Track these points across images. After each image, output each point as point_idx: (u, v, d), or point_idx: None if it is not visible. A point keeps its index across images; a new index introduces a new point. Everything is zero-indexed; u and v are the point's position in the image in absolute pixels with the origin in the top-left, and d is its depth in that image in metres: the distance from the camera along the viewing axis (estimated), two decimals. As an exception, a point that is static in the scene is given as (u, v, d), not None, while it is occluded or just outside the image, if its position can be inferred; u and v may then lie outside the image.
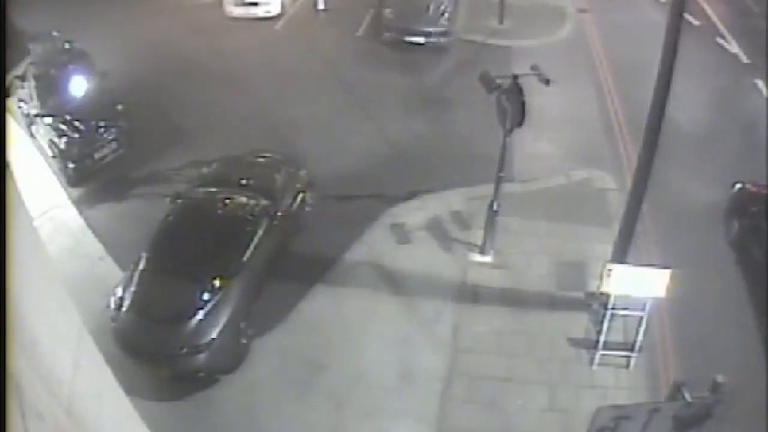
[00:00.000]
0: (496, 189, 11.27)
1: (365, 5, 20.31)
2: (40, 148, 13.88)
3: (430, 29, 18.18)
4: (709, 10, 20.40)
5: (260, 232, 10.43)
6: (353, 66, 17.71)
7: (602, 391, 9.51)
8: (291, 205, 11.65)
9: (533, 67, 14.11)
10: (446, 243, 12.04)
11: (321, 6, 20.49)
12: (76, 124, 13.37)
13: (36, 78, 14.02)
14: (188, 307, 9.37)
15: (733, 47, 18.55)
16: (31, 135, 14.06)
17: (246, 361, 9.80)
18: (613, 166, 13.99)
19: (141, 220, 11.48)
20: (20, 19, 14.50)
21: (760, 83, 16.26)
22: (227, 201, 11.07)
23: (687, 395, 7.12)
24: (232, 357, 9.64)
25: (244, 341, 9.85)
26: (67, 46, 15.11)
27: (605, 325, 10.33)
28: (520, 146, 13.23)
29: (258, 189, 11.32)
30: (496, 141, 11.17)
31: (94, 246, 11.73)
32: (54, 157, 13.44)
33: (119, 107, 14.08)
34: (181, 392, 9.41)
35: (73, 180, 13.21)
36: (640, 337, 9.89)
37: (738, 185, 11.96)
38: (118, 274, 10.52)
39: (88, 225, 12.19)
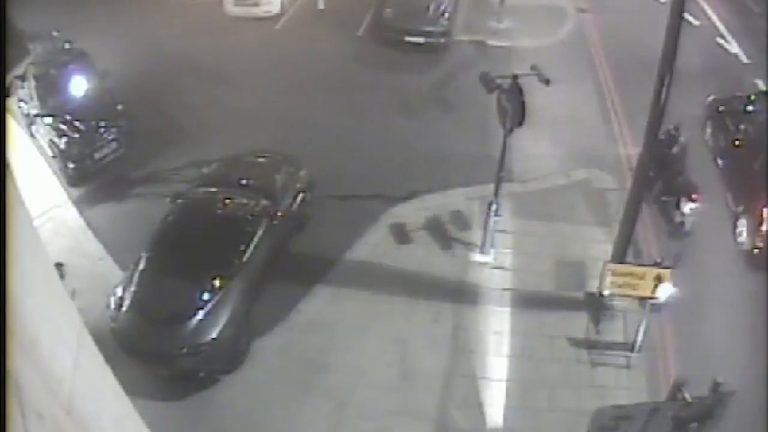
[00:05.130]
0: (496, 189, 11.27)
1: (365, 5, 20.28)
2: (40, 148, 13.87)
3: (430, 29, 18.15)
4: (709, 10, 20.38)
5: (260, 232, 10.43)
6: (353, 66, 17.71)
7: (602, 391, 9.51)
8: (291, 205, 11.65)
9: (533, 67, 14.11)
10: (446, 243, 12.04)
11: (321, 6, 20.47)
12: (76, 124, 13.37)
13: (36, 78, 14.01)
14: (188, 307, 9.38)
15: (733, 47, 18.55)
16: (31, 135, 14.05)
17: (246, 361, 9.81)
18: (613, 166, 13.99)
19: (141, 220, 11.48)
20: (20, 19, 14.49)
21: (760, 83, 16.25)
22: (227, 201, 11.07)
23: (687, 395, 7.13)
24: (232, 357, 9.64)
25: (244, 341, 9.86)
26: (67, 46, 15.09)
27: (605, 325, 10.37)
28: (520, 146, 13.22)
29: (258, 189, 11.33)
30: (496, 141, 11.18)
31: (94, 246, 11.74)
32: (54, 157, 13.44)
33: (119, 107, 14.07)
34: (181, 392, 9.42)
35: (73, 180, 13.21)
36: (640, 337, 9.90)
37: (711, 97, 14.94)
38: (118, 274, 10.52)
39: (88, 225, 12.19)
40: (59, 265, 10.42)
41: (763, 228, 11.46)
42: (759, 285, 11.13)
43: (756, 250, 11.60)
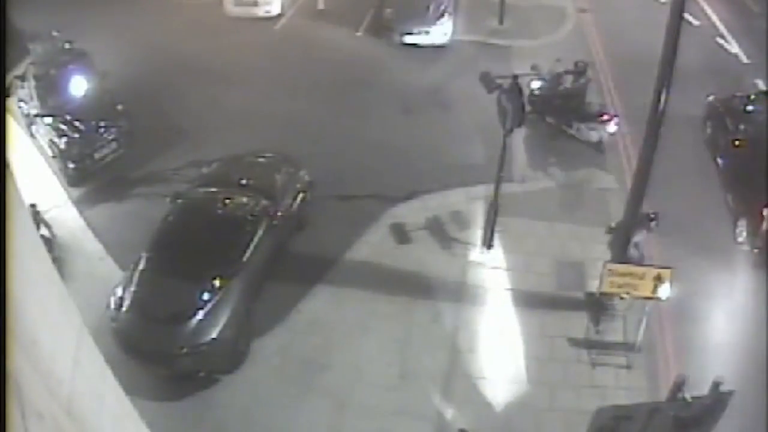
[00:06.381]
0: (496, 189, 11.27)
1: (365, 5, 20.30)
2: (40, 148, 13.87)
3: (430, 29, 18.18)
4: (709, 10, 20.40)
5: (260, 232, 10.43)
6: (353, 66, 17.71)
7: (602, 391, 9.51)
8: (291, 205, 11.65)
9: (533, 67, 14.09)
10: (446, 243, 12.03)
11: (321, 6, 20.48)
12: (76, 124, 13.37)
13: (36, 78, 14.00)
14: (188, 307, 9.38)
15: (733, 47, 18.56)
16: (31, 135, 14.05)
17: (246, 361, 9.80)
18: (613, 166, 13.99)
19: (141, 220, 11.49)
20: (20, 19, 14.49)
21: (760, 83, 16.26)
22: (227, 201, 11.07)
23: (687, 395, 7.13)
24: (232, 357, 9.64)
25: (244, 341, 9.85)
26: (67, 46, 15.10)
27: (605, 325, 10.37)
28: (520, 146, 13.24)
29: (258, 189, 11.32)
30: (496, 141, 11.17)
31: (94, 246, 11.73)
32: (54, 157, 13.44)
33: (119, 107, 14.07)
34: (181, 392, 9.42)
35: (73, 180, 13.21)
36: (640, 337, 9.91)
37: (710, 97, 15.00)
38: (118, 274, 10.52)
39: (88, 225, 12.19)
40: (32, 206, 10.52)
41: (763, 227, 11.48)
42: (759, 284, 11.14)
43: (756, 250, 11.64)
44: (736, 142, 13.55)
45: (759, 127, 13.28)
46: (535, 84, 14.91)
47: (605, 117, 14.08)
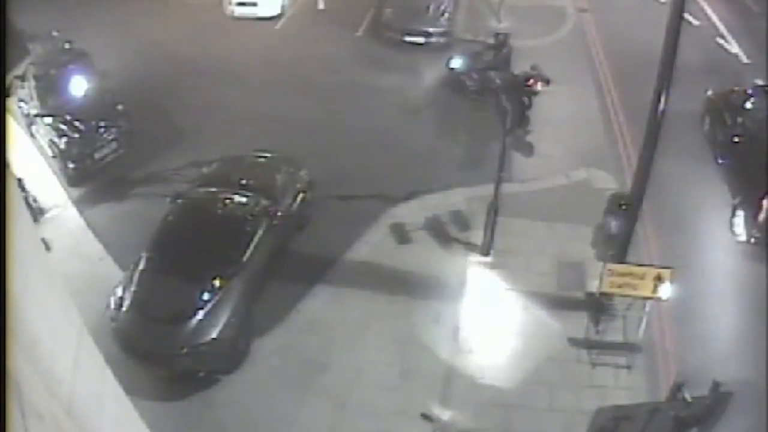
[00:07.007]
0: (496, 189, 11.27)
1: (365, 5, 20.31)
2: (40, 148, 13.87)
3: (430, 29, 18.18)
4: (709, 10, 20.40)
5: (260, 232, 10.43)
6: (353, 66, 17.71)
7: (602, 391, 9.51)
8: (291, 205, 11.64)
9: (533, 67, 14.08)
10: (446, 243, 12.03)
11: (321, 6, 20.49)
12: (76, 124, 13.37)
13: (36, 78, 14.01)
14: (188, 307, 9.38)
15: (733, 47, 18.57)
16: (31, 135, 14.04)
17: (246, 361, 9.80)
18: (613, 166, 13.99)
19: (141, 220, 11.48)
20: (20, 19, 14.50)
21: (760, 83, 16.24)
22: (227, 201, 11.06)
23: (687, 395, 7.14)
24: (232, 357, 9.64)
25: (244, 341, 9.85)
26: (67, 46, 15.12)
27: (605, 325, 10.38)
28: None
29: (258, 189, 11.32)
30: (496, 141, 11.18)
31: (94, 246, 11.73)
32: (54, 157, 13.43)
33: (119, 107, 14.07)
34: (181, 392, 9.42)
35: (73, 180, 13.20)
36: (640, 337, 9.91)
37: (709, 91, 15.22)
38: (118, 274, 10.52)
39: (88, 225, 12.19)
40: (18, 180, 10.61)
41: (761, 217, 11.57)
42: (757, 276, 11.11)
43: (753, 240, 11.78)
44: (735, 138, 13.69)
45: (757, 121, 13.46)
46: (456, 63, 15.04)
47: (531, 81, 14.30)
